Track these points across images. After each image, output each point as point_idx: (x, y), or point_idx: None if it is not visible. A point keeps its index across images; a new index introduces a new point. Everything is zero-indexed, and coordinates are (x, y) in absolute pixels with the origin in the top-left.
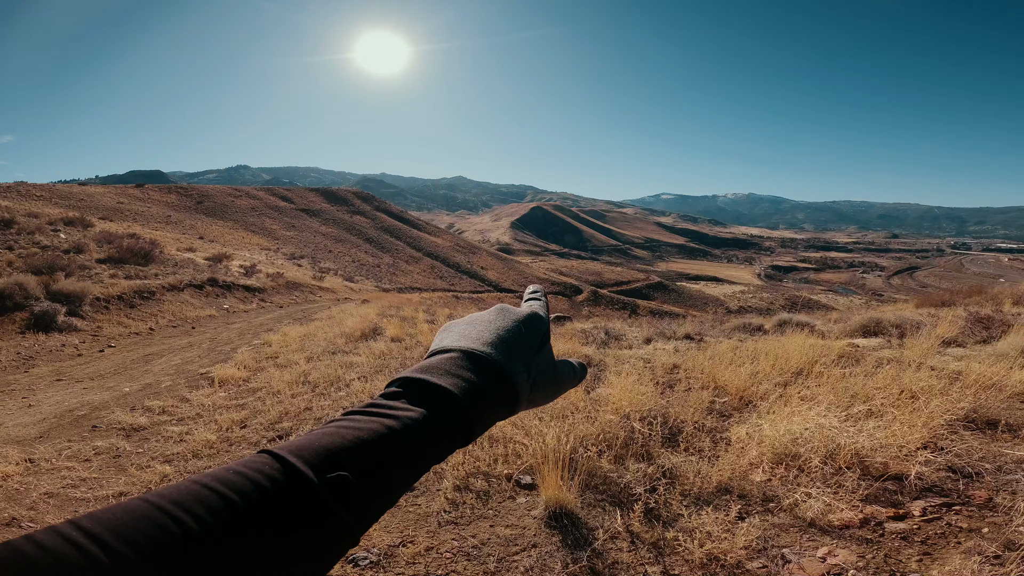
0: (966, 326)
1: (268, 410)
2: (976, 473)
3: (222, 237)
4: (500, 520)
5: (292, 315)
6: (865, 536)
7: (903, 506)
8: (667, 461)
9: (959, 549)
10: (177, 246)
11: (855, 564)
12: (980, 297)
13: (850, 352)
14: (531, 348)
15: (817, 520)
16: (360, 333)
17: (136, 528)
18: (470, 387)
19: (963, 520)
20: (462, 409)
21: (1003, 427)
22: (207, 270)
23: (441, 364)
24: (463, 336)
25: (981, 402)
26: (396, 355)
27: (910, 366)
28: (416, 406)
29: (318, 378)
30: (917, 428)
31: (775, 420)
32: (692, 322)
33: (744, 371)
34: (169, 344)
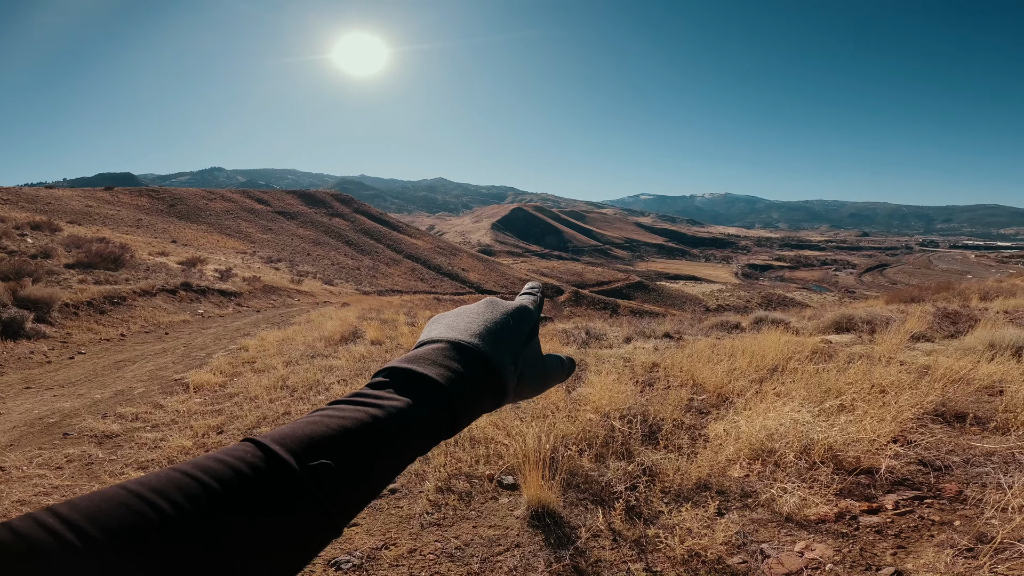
0: (934, 321)
1: (246, 415)
2: (946, 466)
3: (196, 241)
4: (483, 521)
5: (270, 319)
6: (840, 530)
7: (876, 500)
8: (647, 459)
9: (932, 542)
10: (149, 250)
11: (832, 558)
12: (948, 293)
13: (823, 348)
14: (519, 341)
15: (794, 515)
16: (340, 336)
17: (112, 514)
18: (456, 377)
19: (935, 513)
20: (447, 399)
21: (971, 420)
22: (180, 274)
23: (428, 354)
24: (451, 327)
25: (949, 396)
26: (376, 358)
27: (880, 361)
28: (402, 395)
29: (297, 382)
30: (887, 422)
31: (751, 416)
32: (671, 321)
33: (721, 368)
34: (142, 350)
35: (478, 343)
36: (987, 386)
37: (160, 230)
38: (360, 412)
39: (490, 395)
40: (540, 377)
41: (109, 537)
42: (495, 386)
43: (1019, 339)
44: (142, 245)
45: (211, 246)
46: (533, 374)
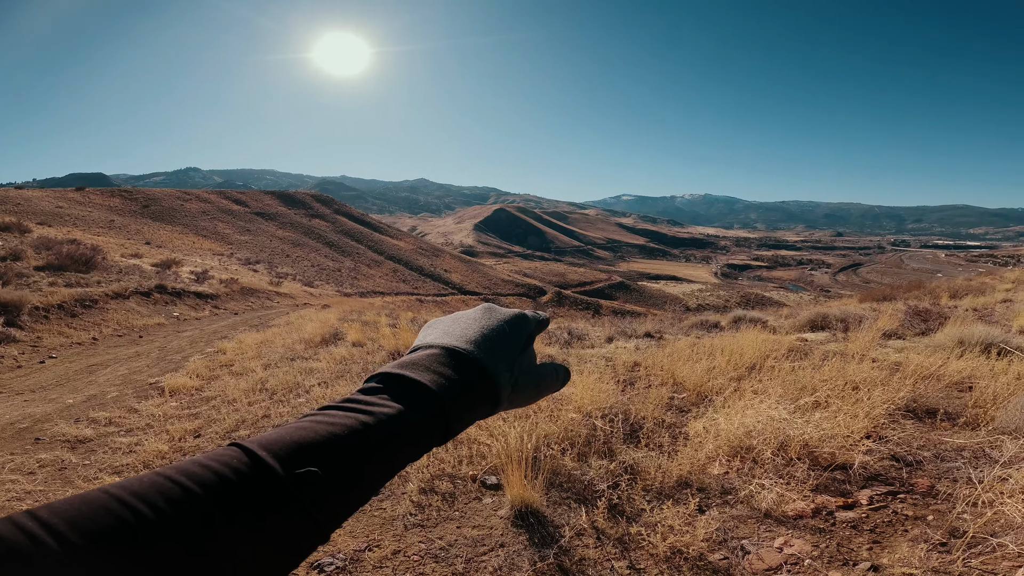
0: (906, 319)
1: (223, 419)
2: (917, 461)
3: (171, 242)
4: (467, 521)
5: (248, 322)
6: (818, 525)
7: (851, 495)
8: (629, 457)
9: (906, 537)
10: (122, 252)
11: (810, 553)
12: (919, 291)
13: (799, 346)
14: (515, 348)
15: (772, 511)
16: (320, 338)
17: (91, 517)
18: (450, 384)
19: (908, 508)
20: (440, 406)
21: (942, 416)
22: (155, 276)
23: (422, 360)
24: (447, 333)
25: (920, 392)
26: (358, 360)
27: (854, 358)
28: (394, 402)
29: (276, 385)
30: (860, 418)
31: (730, 414)
32: (652, 320)
33: (701, 367)
34: (115, 354)
35: (473, 349)
36: (957, 382)
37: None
38: (350, 419)
39: (484, 402)
40: (534, 385)
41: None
42: (489, 393)
43: (988, 336)
44: (115, 247)
45: (187, 248)
46: (527, 382)
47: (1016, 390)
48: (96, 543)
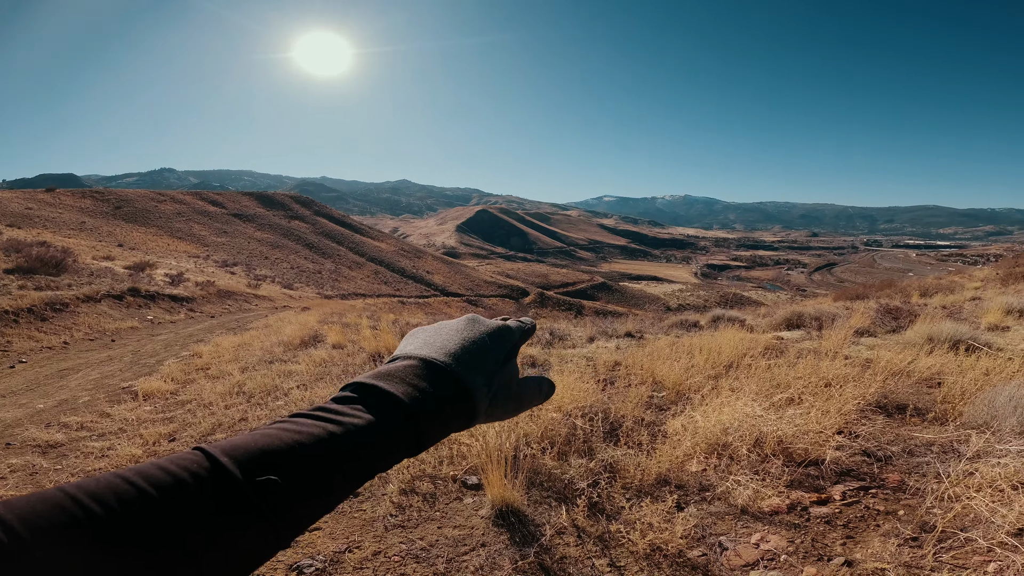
0: (877, 317)
1: (199, 423)
2: (888, 456)
3: (144, 244)
4: (448, 521)
5: (225, 325)
6: (793, 521)
7: (825, 490)
8: (608, 455)
9: (878, 532)
10: (93, 254)
11: (786, 549)
12: (891, 290)
13: (775, 344)
14: (496, 362)
15: (749, 507)
16: (299, 341)
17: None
18: (423, 397)
19: (880, 503)
20: (411, 418)
21: (911, 411)
22: (127, 279)
23: (397, 371)
24: (426, 344)
25: (891, 388)
26: (338, 362)
27: (827, 356)
28: (366, 413)
29: (254, 388)
30: (832, 414)
31: (708, 412)
32: (633, 320)
33: (680, 366)
34: (87, 358)
35: (450, 362)
36: (926, 378)
37: (105, 233)
38: (317, 427)
39: (459, 416)
40: (514, 400)
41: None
42: (464, 408)
43: (956, 333)
44: (86, 249)
45: (161, 250)
46: (506, 396)
47: (984, 385)
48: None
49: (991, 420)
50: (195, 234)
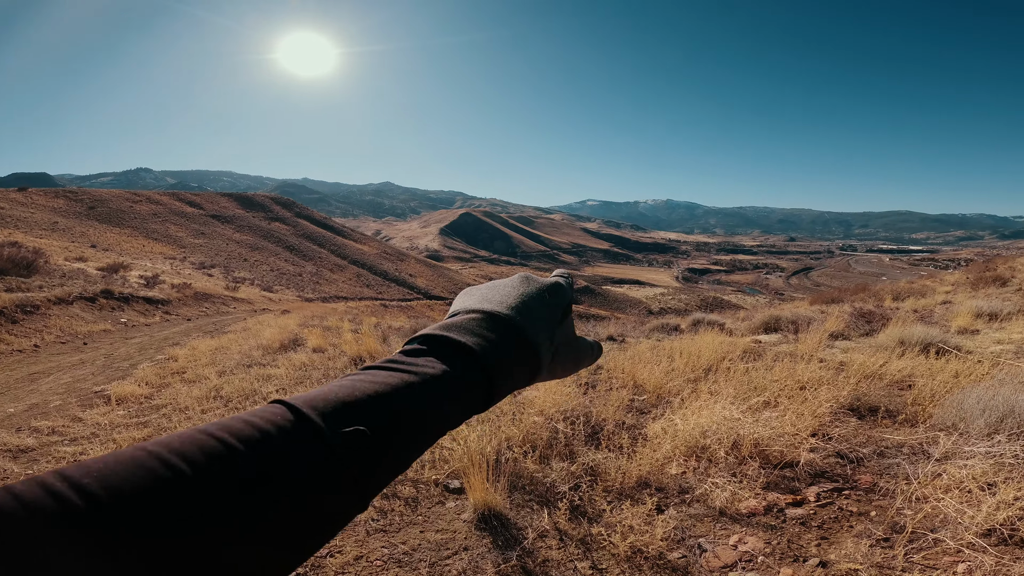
0: (851, 321)
1: (174, 427)
2: (860, 458)
3: (118, 245)
4: (430, 525)
5: (202, 328)
6: (769, 522)
7: (800, 492)
8: (590, 459)
9: (851, 533)
10: (66, 255)
11: (763, 550)
12: (864, 294)
13: (754, 348)
14: (555, 317)
15: (727, 509)
16: (279, 344)
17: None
18: (492, 348)
19: (853, 504)
20: (484, 369)
21: (883, 413)
22: (101, 281)
23: (464, 323)
24: (485, 299)
25: (863, 390)
26: (319, 366)
27: (802, 359)
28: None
29: (232, 392)
30: (806, 417)
31: (687, 415)
32: (616, 324)
33: (661, 369)
34: (58, 361)
35: (514, 315)
36: (898, 380)
37: (78, 234)
38: (394, 377)
39: (524, 369)
40: (573, 357)
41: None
42: (530, 360)
43: (927, 336)
44: (58, 249)
45: (136, 251)
46: (567, 352)
47: (953, 388)
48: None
49: (960, 422)
50: (171, 235)
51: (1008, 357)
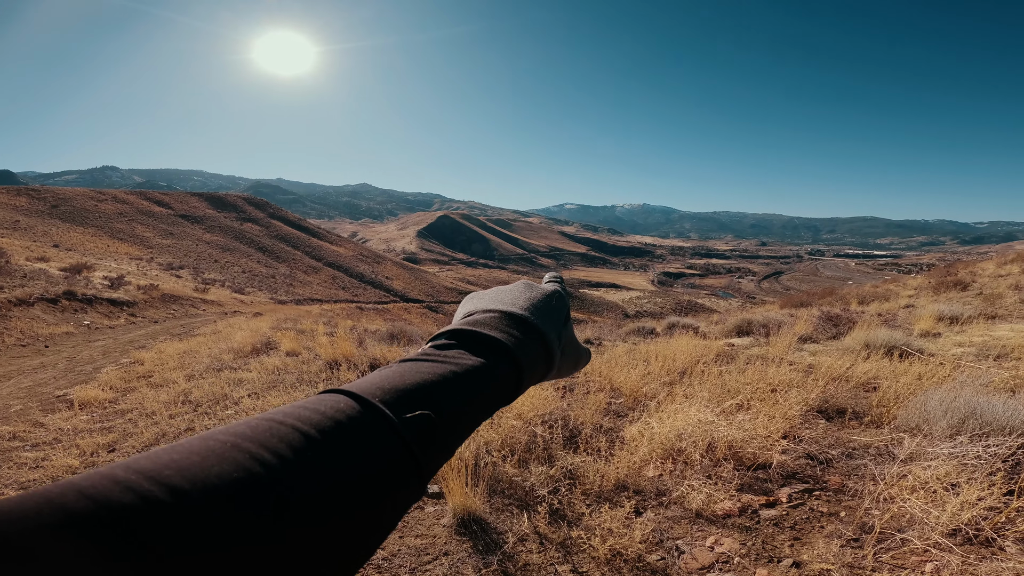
0: (819, 324)
1: (141, 432)
2: (829, 459)
3: (82, 245)
4: (409, 531)
5: (170, 330)
6: (744, 524)
7: (773, 493)
8: (568, 462)
9: (823, 533)
10: (27, 255)
11: (738, 551)
12: (832, 298)
13: (727, 351)
14: (559, 320)
15: (703, 511)
16: (251, 348)
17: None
18: (519, 343)
19: (823, 505)
20: (516, 362)
21: (850, 415)
22: (63, 282)
23: (487, 320)
24: (496, 301)
25: (831, 392)
26: (292, 370)
27: (773, 362)
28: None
29: (201, 396)
30: (777, 419)
31: (663, 418)
32: (593, 327)
33: (637, 372)
34: (18, 365)
35: (529, 315)
36: (864, 382)
37: (40, 233)
38: (438, 367)
39: (542, 365)
40: (575, 356)
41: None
42: (546, 357)
43: (891, 339)
44: (19, 249)
45: (100, 251)
46: (570, 352)
47: (916, 390)
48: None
49: (923, 423)
50: (138, 235)
51: (969, 360)
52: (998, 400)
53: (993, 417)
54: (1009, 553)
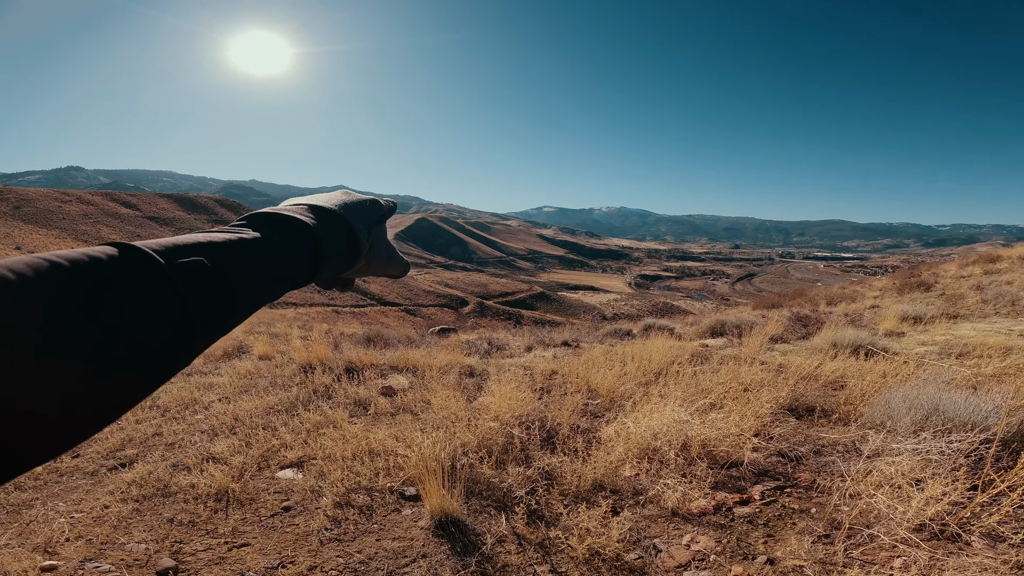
0: (790, 324)
1: (106, 438)
2: (799, 457)
3: (45, 247)
4: (386, 533)
5: None
6: (719, 522)
7: (746, 491)
8: (546, 463)
9: (795, 530)
10: None
11: (714, 549)
12: (801, 299)
13: (701, 352)
14: (371, 218)
15: (679, 509)
16: (222, 352)
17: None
18: (321, 225)
19: (794, 502)
20: (312, 235)
21: (819, 413)
22: None
23: (289, 207)
24: (310, 199)
25: (801, 391)
26: (265, 374)
27: (745, 362)
28: (271, 231)
29: (169, 401)
30: (749, 418)
31: (639, 418)
32: (571, 330)
33: (613, 373)
34: None
35: (337, 208)
36: (832, 381)
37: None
38: (227, 233)
39: (347, 251)
40: (387, 256)
41: None
42: (351, 243)
43: (857, 339)
44: None
45: None
46: (382, 250)
47: (881, 387)
48: None
49: (888, 420)
50: (103, 237)
51: (932, 358)
52: (960, 396)
53: (956, 413)
54: (976, 548)
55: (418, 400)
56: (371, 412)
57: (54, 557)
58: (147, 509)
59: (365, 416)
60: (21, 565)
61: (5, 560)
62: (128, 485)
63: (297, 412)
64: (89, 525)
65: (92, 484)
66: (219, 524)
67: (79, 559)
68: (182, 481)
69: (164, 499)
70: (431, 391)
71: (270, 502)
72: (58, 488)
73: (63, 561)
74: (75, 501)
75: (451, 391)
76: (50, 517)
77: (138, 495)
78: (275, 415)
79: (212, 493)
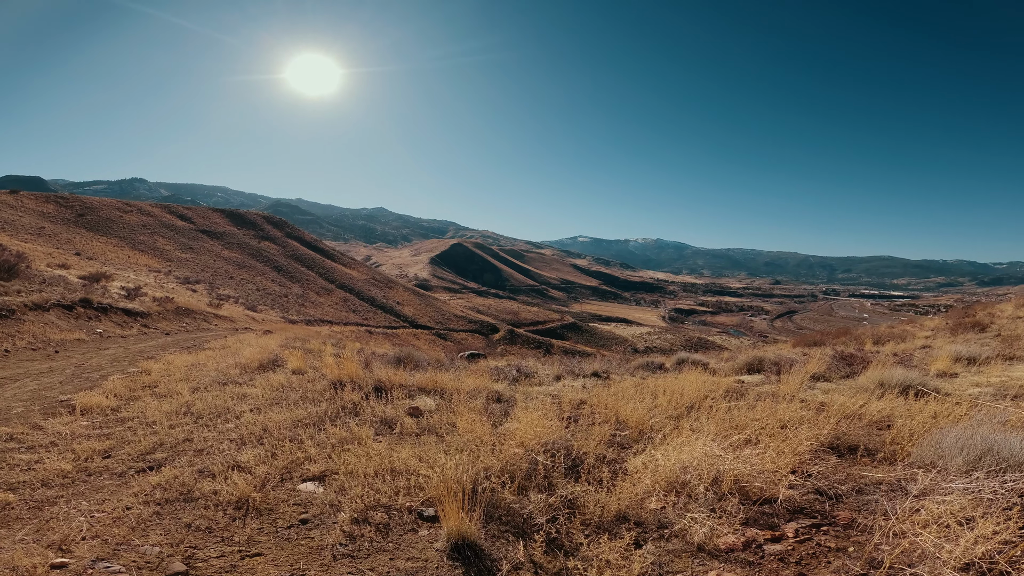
0: (832, 363)
1: (139, 440)
2: (839, 495)
3: (103, 254)
4: (401, 553)
5: (180, 343)
6: (748, 558)
7: (779, 528)
8: (569, 491)
9: (829, 568)
10: (48, 261)
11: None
12: (846, 338)
13: (736, 387)
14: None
15: (705, 544)
16: (258, 364)
17: None
18: None
19: (831, 540)
20: None
21: (862, 452)
22: (80, 289)
23: None
24: None
25: (843, 429)
26: (296, 387)
27: (784, 399)
28: None
29: (203, 409)
30: (786, 454)
31: (668, 450)
32: (601, 361)
33: (643, 406)
34: (26, 368)
35: None
36: (877, 420)
37: (64, 240)
38: None
39: None
40: None
41: None
42: None
43: (906, 379)
44: (41, 255)
45: (120, 261)
46: None
47: (931, 428)
48: None
49: (938, 460)
50: (159, 248)
51: (986, 399)
52: (1015, 437)
53: (1011, 453)
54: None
55: (444, 422)
56: (396, 431)
57: (67, 555)
58: (167, 513)
59: (390, 435)
60: (32, 561)
61: (16, 555)
62: (153, 488)
63: (324, 427)
64: (108, 525)
65: (118, 485)
66: (235, 532)
67: (91, 558)
68: (205, 487)
69: (186, 504)
70: (457, 414)
71: (288, 513)
72: (84, 487)
73: (75, 559)
74: (98, 501)
75: (477, 415)
76: (71, 515)
77: (161, 498)
78: (303, 428)
79: (233, 501)
